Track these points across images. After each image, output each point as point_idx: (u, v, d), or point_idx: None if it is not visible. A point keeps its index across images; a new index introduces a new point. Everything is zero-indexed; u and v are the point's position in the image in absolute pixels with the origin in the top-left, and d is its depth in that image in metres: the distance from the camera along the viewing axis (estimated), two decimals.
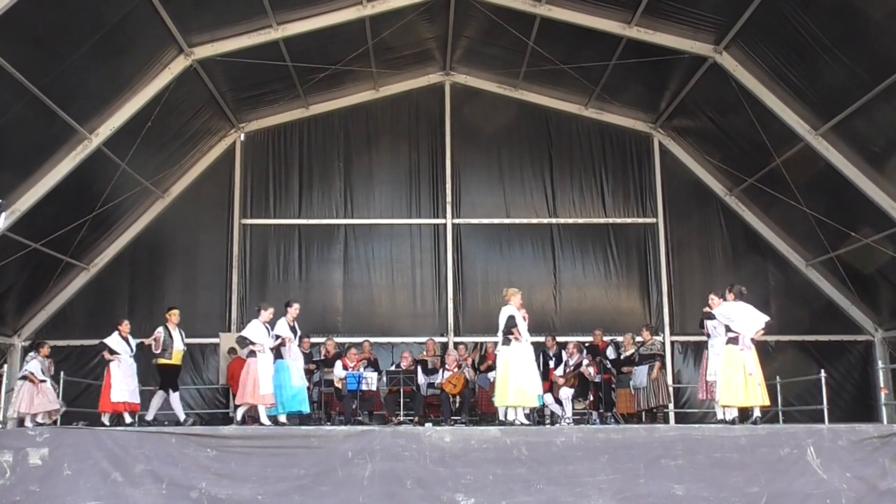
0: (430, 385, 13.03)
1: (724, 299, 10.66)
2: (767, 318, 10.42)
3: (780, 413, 13.51)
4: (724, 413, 10.62)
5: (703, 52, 13.64)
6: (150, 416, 11.87)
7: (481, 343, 15.21)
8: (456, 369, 12.91)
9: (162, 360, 11.82)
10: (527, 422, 10.54)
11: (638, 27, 13.63)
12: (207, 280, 16.39)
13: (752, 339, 10.25)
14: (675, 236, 16.73)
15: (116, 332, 12.21)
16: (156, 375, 12.20)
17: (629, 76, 15.27)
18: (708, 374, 11.25)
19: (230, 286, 16.34)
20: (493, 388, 12.83)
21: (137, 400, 12.16)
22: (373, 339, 14.29)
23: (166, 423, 12.35)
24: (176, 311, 12.17)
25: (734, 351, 10.17)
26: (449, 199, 16.77)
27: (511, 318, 10.54)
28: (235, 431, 9.79)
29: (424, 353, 13.81)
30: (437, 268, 16.64)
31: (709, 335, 11.29)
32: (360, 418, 12.26)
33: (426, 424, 11.37)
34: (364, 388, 12.35)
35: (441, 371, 13.03)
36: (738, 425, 9.88)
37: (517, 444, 9.12)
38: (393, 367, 13.44)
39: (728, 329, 10.31)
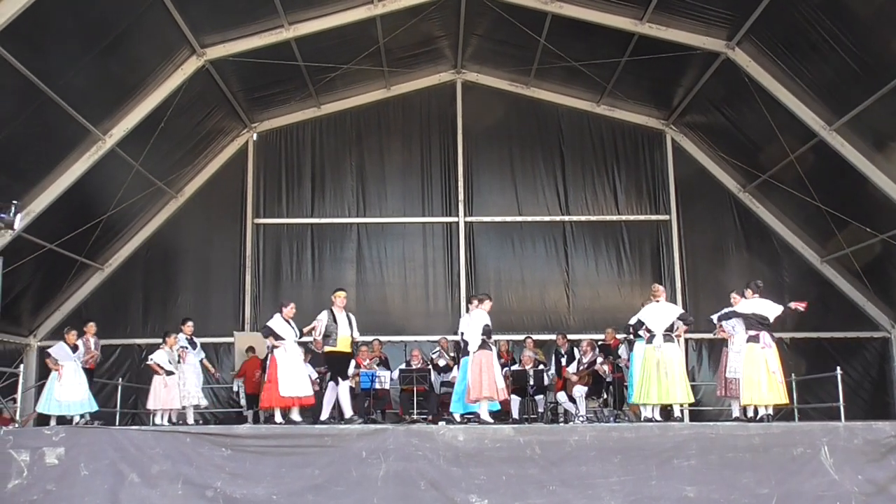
0: (444, 383, 13.03)
1: (744, 297, 10.62)
2: (782, 308, 10.38)
3: (795, 411, 13.42)
4: (739, 411, 10.56)
5: (716, 47, 13.56)
6: (324, 416, 11.08)
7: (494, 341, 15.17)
8: None
9: (328, 348, 10.99)
10: (660, 419, 10.50)
11: (650, 23, 13.56)
12: (221, 279, 16.45)
13: (772, 335, 10.21)
14: (689, 233, 16.66)
15: (278, 315, 11.13)
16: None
17: (641, 73, 15.20)
18: (727, 372, 11.22)
19: (243, 285, 16.40)
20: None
21: (310, 392, 11.00)
22: (385, 338, 14.30)
23: (180, 422, 12.37)
24: (342, 294, 11.30)
25: (755, 349, 10.12)
26: (461, 197, 16.76)
27: (685, 315, 10.60)
28: (250, 431, 9.83)
29: (437, 354, 13.74)
30: (450, 266, 16.65)
31: (717, 334, 11.28)
32: (373, 417, 12.27)
33: (440, 423, 11.36)
34: (377, 386, 12.36)
35: (456, 368, 13.01)
36: (753, 423, 9.82)
37: (530, 443, 9.10)
38: (405, 366, 13.43)
39: (748, 327, 10.25)
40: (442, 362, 13.42)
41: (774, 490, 8.85)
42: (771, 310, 10.26)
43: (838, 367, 11.48)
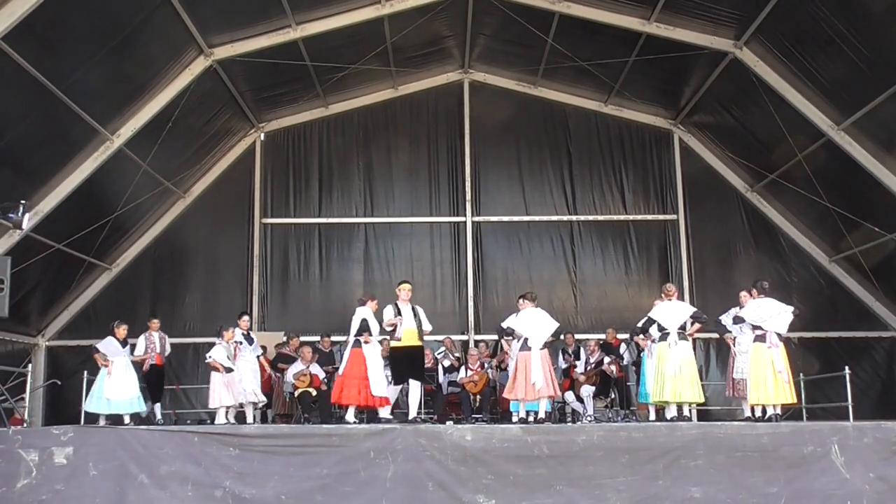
0: (452, 383, 13.03)
1: (751, 296, 10.58)
2: (792, 308, 10.34)
3: (803, 411, 13.39)
4: (751, 411, 10.52)
5: (723, 47, 13.54)
6: (412, 414, 10.57)
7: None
8: (480, 368, 12.88)
9: (391, 343, 10.51)
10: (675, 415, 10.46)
11: (657, 23, 13.54)
12: (228, 279, 16.46)
13: (780, 335, 10.16)
14: (696, 233, 16.61)
15: (366, 307, 10.51)
16: None
17: (649, 72, 15.18)
18: (735, 372, 11.18)
19: (251, 285, 16.41)
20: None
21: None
22: None
23: (188, 421, 12.37)
24: (408, 286, 10.70)
25: (762, 349, 10.07)
26: (468, 196, 16.76)
27: (698, 313, 10.57)
28: (257, 430, 9.85)
29: (442, 354, 13.70)
30: (458, 266, 16.64)
31: (724, 326, 11.27)
32: (381, 417, 12.25)
33: (447, 423, 11.36)
34: None
35: (465, 369, 13.01)
36: (761, 423, 9.79)
37: (538, 443, 9.09)
38: None
39: (755, 326, 10.21)
40: (447, 362, 13.39)
41: (783, 489, 8.82)
42: (780, 318, 10.16)
43: (846, 367, 11.44)
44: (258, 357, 11.99)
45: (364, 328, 10.37)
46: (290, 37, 13.83)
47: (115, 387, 11.15)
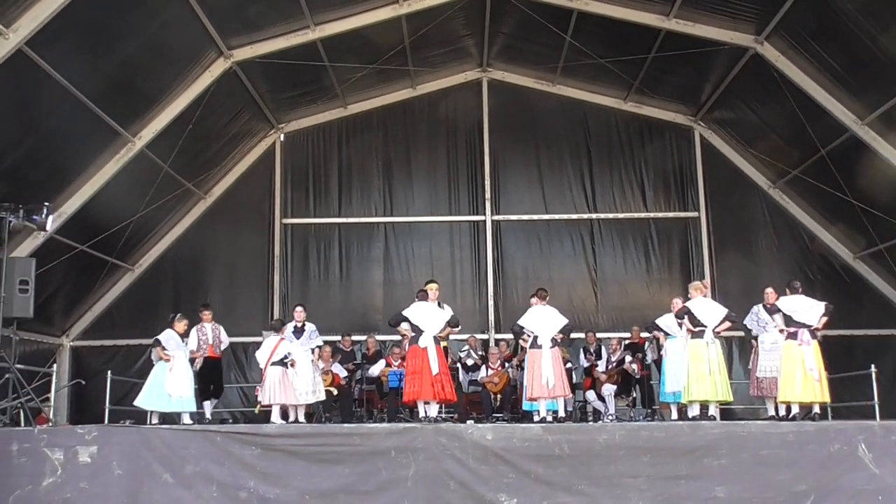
0: (472, 382, 13.02)
1: (785, 295, 10.49)
2: (825, 303, 10.22)
3: (828, 409, 13.24)
4: (775, 409, 10.42)
5: (744, 42, 13.43)
6: (433, 414, 10.41)
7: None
8: (500, 368, 12.86)
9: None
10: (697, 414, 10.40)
11: (676, 19, 13.46)
12: (249, 279, 16.54)
13: (812, 333, 10.03)
14: (718, 230, 16.49)
15: (421, 299, 10.66)
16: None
17: (668, 69, 15.09)
18: (759, 371, 11.07)
19: (272, 285, 16.47)
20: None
21: None
22: None
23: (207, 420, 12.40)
24: (435, 286, 10.65)
25: (793, 346, 9.97)
26: (488, 195, 16.73)
27: (731, 313, 10.48)
28: (278, 430, 9.86)
29: (466, 353, 13.68)
30: (477, 265, 16.63)
31: (749, 331, 11.16)
32: (402, 416, 12.28)
33: (468, 422, 11.34)
34: None
35: (485, 368, 13.00)
36: (785, 422, 9.69)
37: (559, 442, 9.05)
38: None
39: (788, 322, 10.08)
40: (470, 361, 13.39)
41: (812, 486, 8.72)
42: (812, 312, 10.05)
43: (872, 366, 11.31)
44: (313, 350, 11.53)
45: (455, 323, 10.61)
46: (308, 37, 13.87)
47: (176, 383, 10.61)
